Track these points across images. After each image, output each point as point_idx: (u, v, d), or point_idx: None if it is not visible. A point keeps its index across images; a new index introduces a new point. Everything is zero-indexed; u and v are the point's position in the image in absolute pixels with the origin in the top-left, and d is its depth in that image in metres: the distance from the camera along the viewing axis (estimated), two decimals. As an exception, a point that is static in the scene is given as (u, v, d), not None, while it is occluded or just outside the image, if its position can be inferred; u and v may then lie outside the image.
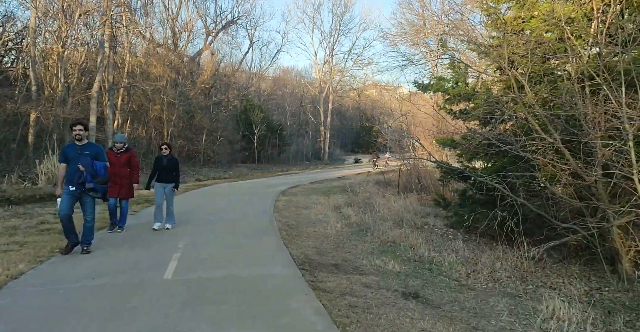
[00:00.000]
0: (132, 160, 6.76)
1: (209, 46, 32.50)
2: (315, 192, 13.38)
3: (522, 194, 5.39)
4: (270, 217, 8.38)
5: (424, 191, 13.64)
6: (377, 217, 8.26)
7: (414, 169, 14.58)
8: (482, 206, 7.27)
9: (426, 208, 9.97)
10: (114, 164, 6.34)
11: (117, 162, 6.47)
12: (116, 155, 6.58)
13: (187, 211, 9.05)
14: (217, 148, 26.09)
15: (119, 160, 6.54)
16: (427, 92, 8.43)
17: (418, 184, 14.19)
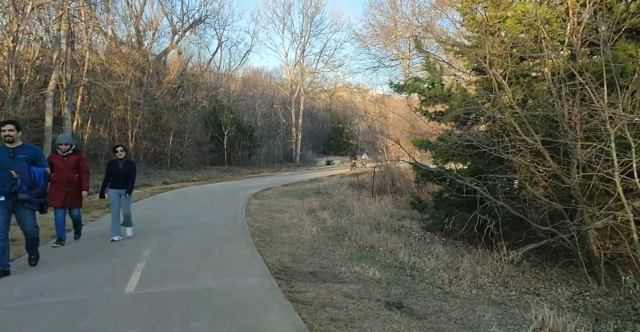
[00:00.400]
0: (81, 163, 5.91)
1: (175, 45, 31.47)
2: (289, 195, 13.05)
3: (502, 197, 5.32)
4: (242, 222, 7.99)
5: (398, 192, 13.61)
6: (353, 221, 8.05)
7: (387, 171, 14.55)
8: (458, 208, 7.22)
9: (401, 211, 9.88)
10: (59, 168, 5.62)
11: (63, 167, 5.68)
12: (62, 159, 5.74)
13: (153, 217, 8.50)
14: (185, 150, 25.21)
15: (66, 164, 5.72)
16: (403, 94, 8.32)
17: (392, 186, 14.15)
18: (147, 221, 8.01)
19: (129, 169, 6.30)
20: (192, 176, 23.04)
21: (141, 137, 23.17)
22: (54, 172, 5.49)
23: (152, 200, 11.68)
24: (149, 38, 29.17)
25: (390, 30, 22.00)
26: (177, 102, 26.99)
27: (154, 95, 24.81)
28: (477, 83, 6.78)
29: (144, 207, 10.19)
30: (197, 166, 26.23)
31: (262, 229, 7.40)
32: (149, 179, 19.85)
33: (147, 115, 23.97)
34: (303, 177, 22.00)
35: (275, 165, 35.62)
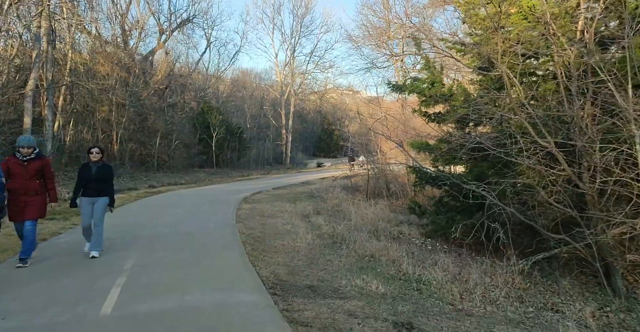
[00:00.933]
0: (45, 170, 5.02)
1: (163, 45, 30.82)
2: (280, 199, 12.62)
3: (511, 203, 5.01)
4: (233, 229, 7.55)
5: (392, 196, 13.29)
6: (350, 227, 7.67)
7: (381, 174, 14.23)
8: (460, 213, 6.90)
9: (398, 215, 9.55)
10: (18, 175, 4.77)
11: (22, 173, 4.80)
12: (21, 164, 4.82)
13: (137, 224, 8.00)
14: (172, 152, 24.58)
15: (27, 171, 4.83)
16: (401, 94, 8.00)
17: (386, 190, 13.83)
18: (131, 228, 7.52)
19: (104, 174, 5.45)
20: (180, 178, 22.44)
21: (127, 139, 22.49)
22: (10, 179, 4.74)
23: (137, 205, 11.14)
24: (135, 38, 28.47)
25: (383, 30, 21.77)
26: (164, 103, 26.34)
27: (140, 96, 24.14)
28: (480, 82, 6.49)
29: (128, 212, 9.67)
30: (185, 169, 25.61)
31: (254, 236, 6.98)
32: (134, 183, 19.20)
33: (132, 116, 23.29)
34: (294, 179, 21.58)
35: (265, 167, 35.11)
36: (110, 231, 7.16)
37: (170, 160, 24.51)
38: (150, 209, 10.39)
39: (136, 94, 23.78)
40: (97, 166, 5.44)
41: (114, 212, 9.23)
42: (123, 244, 6.19)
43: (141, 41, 28.73)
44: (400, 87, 7.36)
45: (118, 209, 10.23)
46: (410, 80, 7.36)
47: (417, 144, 7.73)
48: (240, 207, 10.61)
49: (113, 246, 6.05)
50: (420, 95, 7.15)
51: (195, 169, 26.75)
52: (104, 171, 5.51)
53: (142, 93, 24.60)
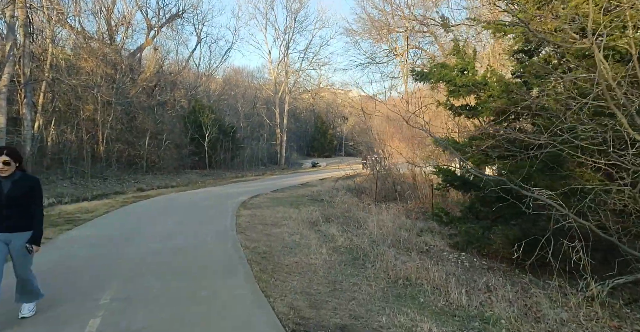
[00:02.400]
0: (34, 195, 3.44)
1: (151, 41, 29.47)
2: (282, 203, 11.58)
3: (589, 214, 4.06)
4: (234, 242, 6.50)
5: (401, 199, 12.35)
6: (368, 238, 6.67)
7: (388, 175, 13.27)
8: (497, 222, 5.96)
9: (416, 222, 8.59)
10: None
11: None
12: None
13: (121, 237, 6.90)
14: (162, 153, 23.35)
15: None
16: (426, 83, 7.02)
17: (394, 192, 12.89)
18: (113, 243, 6.43)
19: (22, 195, 3.31)
20: (171, 181, 21.25)
21: (113, 139, 21.22)
22: None
23: (123, 212, 10.01)
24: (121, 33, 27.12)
25: (383, 24, 20.80)
26: (153, 101, 25.07)
27: (127, 93, 22.88)
28: (525, 67, 5.55)
29: (111, 222, 8.55)
30: (176, 170, 24.41)
31: (260, 252, 5.94)
32: (121, 186, 18.00)
33: (119, 115, 22.04)
34: (292, 181, 20.53)
35: (260, 168, 34.01)
36: (87, 247, 6.08)
37: (160, 161, 23.29)
38: (138, 217, 9.28)
39: (123, 91, 22.52)
40: (9, 182, 3.28)
41: (94, 223, 8.19)
42: (101, 266, 5.10)
43: (128, 38, 27.39)
44: (425, 75, 6.38)
45: (101, 217, 9.13)
46: (437, 67, 6.38)
47: (442, 141, 6.75)
48: (239, 214, 9.55)
49: (89, 269, 4.96)
50: (450, 85, 6.18)
51: (186, 171, 25.56)
52: (22, 188, 3.31)
53: (129, 91, 23.34)
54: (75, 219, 8.84)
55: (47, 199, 13.07)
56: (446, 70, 6.24)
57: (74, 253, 5.74)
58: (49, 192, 14.44)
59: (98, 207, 10.82)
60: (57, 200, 13.38)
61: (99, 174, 18.93)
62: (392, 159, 13.37)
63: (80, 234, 7.25)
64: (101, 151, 20.35)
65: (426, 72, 6.43)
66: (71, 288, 4.20)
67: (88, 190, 15.92)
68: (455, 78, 6.07)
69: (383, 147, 13.38)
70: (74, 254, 5.66)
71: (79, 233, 7.30)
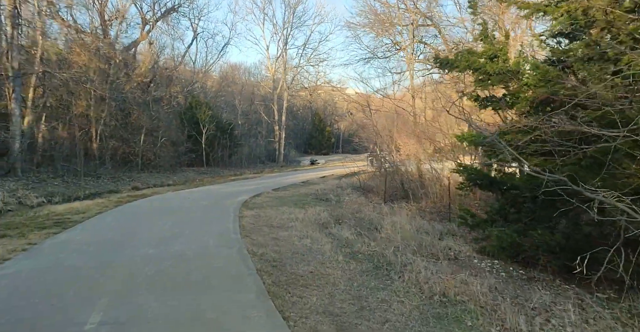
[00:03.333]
0: None
1: (146, 35, 28.64)
2: (285, 203, 10.95)
3: None
4: (239, 248, 5.87)
5: (411, 198, 11.76)
6: (386, 242, 6.07)
7: (396, 173, 12.67)
8: (536, 226, 5.36)
9: (434, 224, 7.98)
10: None
11: None
12: None
13: (114, 241, 6.25)
14: (158, 150, 22.63)
15: None
16: (451, 72, 6.40)
17: (402, 191, 12.29)
18: (105, 249, 5.78)
19: None
20: (167, 179, 20.55)
21: (107, 136, 20.47)
22: None
23: (117, 213, 9.34)
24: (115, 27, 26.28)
25: (386, 17, 20.14)
26: (149, 97, 24.29)
27: (122, 89, 22.11)
28: (566, 52, 4.95)
29: (104, 224, 7.89)
30: (173, 168, 23.67)
31: (269, 259, 5.31)
32: (116, 184, 17.29)
33: (114, 111, 21.25)
34: (293, 179, 19.89)
35: (258, 165, 33.29)
36: (76, 254, 5.43)
37: (156, 159, 22.56)
38: (133, 218, 8.61)
39: (118, 86, 21.75)
40: None
41: (85, 225, 7.51)
42: (90, 278, 4.46)
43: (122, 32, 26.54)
44: (450, 63, 5.76)
45: (92, 219, 8.47)
46: (463, 53, 5.76)
47: (468, 137, 6.14)
48: (242, 215, 8.91)
49: (75, 281, 4.32)
50: (478, 73, 5.57)
51: (183, 168, 24.83)
52: None
53: (124, 86, 22.57)
54: (64, 221, 8.17)
55: (37, 199, 12.36)
56: (474, 57, 5.62)
57: (60, 262, 5.08)
58: (38, 191, 13.72)
59: (90, 208, 10.15)
60: (47, 199, 12.67)
61: (92, 172, 18.20)
62: (399, 156, 12.76)
63: (69, 238, 6.59)
64: (94, 148, 19.60)
65: (451, 60, 5.81)
66: (52, 309, 3.56)
67: (80, 189, 15.21)
68: (486, 65, 5.46)
69: (390, 144, 12.77)
70: (60, 263, 5.00)
71: (68, 237, 6.64)
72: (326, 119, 58.10)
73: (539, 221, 5.64)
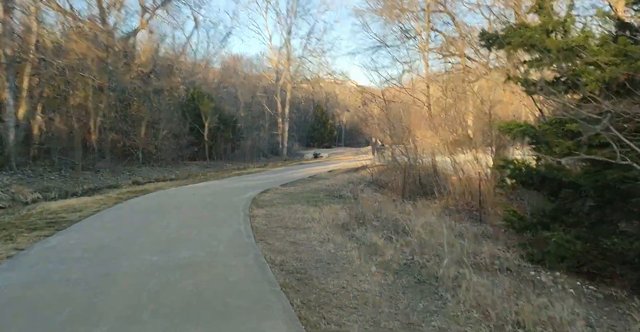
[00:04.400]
0: None
1: (146, 24, 27.67)
2: (297, 200, 10.22)
3: None
4: (255, 255, 5.14)
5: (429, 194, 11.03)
6: (421, 248, 5.34)
7: (413, 168, 11.92)
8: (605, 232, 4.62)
9: (466, 225, 7.25)
10: None
11: None
12: None
13: (112, 246, 5.52)
14: (159, 143, 21.89)
15: None
16: (501, 50, 5.61)
17: (420, 186, 11.56)
18: (101, 255, 5.05)
19: None
20: (169, 173, 19.82)
21: (107, 128, 19.70)
22: None
23: (117, 211, 8.61)
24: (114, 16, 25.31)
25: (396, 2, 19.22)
26: (149, 87, 23.42)
27: (121, 79, 21.27)
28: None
29: (102, 224, 7.15)
30: (175, 162, 22.92)
31: (291, 270, 4.59)
32: (116, 179, 16.57)
33: (113, 102, 20.47)
34: (299, 173, 19.14)
35: (261, 159, 32.52)
36: (67, 263, 4.69)
37: (157, 152, 21.82)
38: (133, 218, 7.89)
39: (117, 76, 20.91)
40: None
41: (81, 226, 6.78)
42: (83, 295, 3.74)
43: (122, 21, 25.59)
44: (499, 39, 4.95)
45: (89, 218, 7.74)
46: (516, 27, 4.95)
47: (513, 127, 5.36)
48: (252, 214, 8.18)
49: (63, 304, 3.59)
50: (535, 50, 4.77)
51: (185, 162, 24.08)
52: None
53: (123, 76, 21.72)
54: (59, 221, 7.44)
55: (31, 195, 11.64)
56: (527, 31, 4.81)
57: (49, 274, 4.36)
58: (33, 186, 13.01)
59: (88, 205, 9.42)
60: (43, 195, 11.95)
61: (91, 165, 17.47)
62: (416, 150, 12.00)
63: (61, 242, 5.87)
64: (93, 141, 18.84)
65: (502, 35, 5.00)
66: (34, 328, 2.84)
67: (78, 184, 14.49)
68: (545, 41, 4.65)
69: (408, 136, 12.00)
70: (49, 276, 4.28)
71: (61, 241, 5.92)
72: (328, 111, 57.20)
73: (603, 224, 4.91)
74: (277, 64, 37.17)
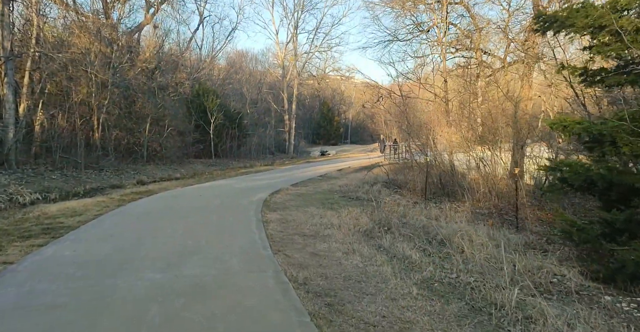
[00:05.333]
0: None
1: (151, 18, 27.10)
2: (311, 202, 9.54)
3: None
4: (275, 270, 4.46)
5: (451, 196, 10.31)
6: (464, 263, 4.64)
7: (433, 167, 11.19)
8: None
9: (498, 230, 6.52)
10: None
11: None
12: None
13: (111, 259, 4.87)
14: (164, 140, 21.26)
15: None
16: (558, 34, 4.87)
17: (440, 187, 10.85)
18: (99, 273, 4.39)
19: None
20: (174, 171, 19.23)
21: (110, 126, 19.11)
22: None
23: (119, 216, 7.98)
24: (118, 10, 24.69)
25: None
26: (154, 83, 22.79)
27: (125, 75, 20.65)
28: None
29: (103, 232, 6.50)
30: (180, 160, 22.30)
31: (318, 292, 3.91)
32: (120, 178, 15.98)
33: (117, 98, 19.85)
34: (308, 172, 18.46)
35: (267, 157, 31.88)
36: (60, 281, 4.02)
37: (162, 150, 21.20)
38: (136, 223, 7.24)
39: (121, 72, 20.30)
40: None
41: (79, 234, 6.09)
42: (64, 327, 3.08)
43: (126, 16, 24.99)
44: (560, 21, 4.20)
45: (89, 224, 7.11)
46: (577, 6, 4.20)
47: (568, 123, 4.63)
48: (265, 219, 7.51)
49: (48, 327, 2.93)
50: (600, 34, 4.02)
51: (191, 160, 23.47)
52: None
53: (127, 72, 21.10)
54: (56, 227, 6.82)
55: (30, 195, 11.03)
56: (595, 11, 4.07)
57: (36, 297, 3.71)
58: (33, 186, 12.42)
59: (89, 208, 8.81)
60: (43, 196, 11.34)
61: (94, 164, 16.88)
62: (436, 148, 11.26)
63: (56, 253, 5.23)
64: (97, 138, 18.25)
65: (562, 16, 4.26)
66: None
67: (80, 183, 13.90)
68: (618, 21, 3.90)
69: (427, 133, 11.25)
70: (30, 302, 3.62)
71: (56, 252, 5.28)
72: (334, 108, 56.38)
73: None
74: (283, 59, 36.42)
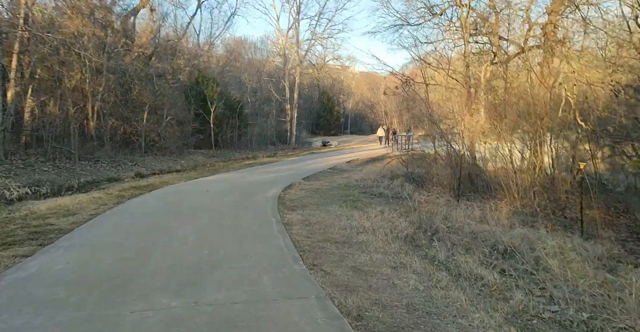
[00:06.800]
0: None
1: (147, 2, 25.66)
2: (330, 199, 8.61)
3: None
4: (318, 298, 3.54)
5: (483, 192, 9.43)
6: (557, 288, 3.74)
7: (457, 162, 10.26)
8: None
9: (566, 239, 5.63)
10: None
11: None
12: None
13: (113, 278, 3.91)
14: (163, 130, 20.20)
15: None
16: None
17: (470, 183, 9.95)
18: (96, 298, 3.45)
19: None
20: (174, 163, 18.24)
21: (106, 114, 18.02)
22: None
23: (118, 215, 7.01)
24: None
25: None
26: (151, 69, 21.59)
27: (121, 60, 19.46)
28: None
29: (99, 237, 5.54)
30: (179, 150, 21.26)
31: (380, 331, 2.99)
32: (117, 170, 14.98)
33: (113, 85, 18.72)
34: (316, 164, 17.50)
35: (269, 147, 30.83)
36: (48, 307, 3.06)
37: (161, 140, 20.15)
38: (140, 226, 6.28)
39: (116, 56, 19.10)
40: None
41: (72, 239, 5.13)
42: None
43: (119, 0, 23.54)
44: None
45: (84, 226, 6.14)
46: None
47: None
48: (286, 220, 6.57)
49: None
50: None
51: (190, 151, 22.43)
52: None
53: (123, 57, 19.90)
54: (45, 231, 5.85)
55: (18, 190, 10.02)
56: None
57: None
58: (23, 179, 11.41)
59: (83, 206, 7.83)
60: (33, 190, 10.33)
61: (89, 155, 15.84)
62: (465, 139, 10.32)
63: (44, 267, 4.27)
64: (91, 127, 17.19)
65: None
66: None
67: (74, 176, 12.90)
68: None
69: (456, 124, 10.30)
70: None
71: (43, 266, 4.32)
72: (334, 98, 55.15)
73: None
74: (284, 46, 35.10)
